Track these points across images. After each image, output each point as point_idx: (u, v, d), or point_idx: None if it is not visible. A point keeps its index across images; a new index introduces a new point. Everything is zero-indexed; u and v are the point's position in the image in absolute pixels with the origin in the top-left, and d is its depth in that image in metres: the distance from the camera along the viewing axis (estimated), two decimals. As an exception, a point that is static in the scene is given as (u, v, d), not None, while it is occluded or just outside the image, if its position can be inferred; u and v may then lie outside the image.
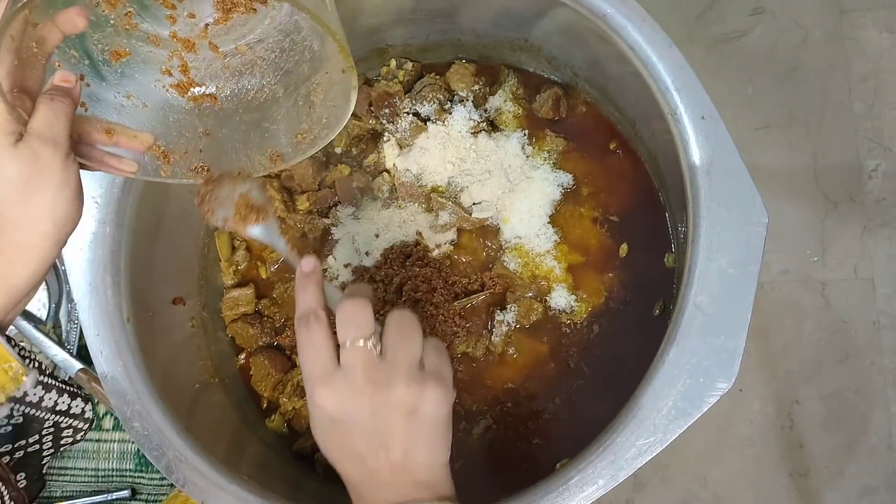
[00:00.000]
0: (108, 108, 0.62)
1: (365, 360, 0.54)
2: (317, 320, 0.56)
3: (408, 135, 0.94)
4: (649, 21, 0.69)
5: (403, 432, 0.54)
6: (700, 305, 0.64)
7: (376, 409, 0.54)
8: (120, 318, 0.75)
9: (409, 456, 0.54)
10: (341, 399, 0.54)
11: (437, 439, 0.56)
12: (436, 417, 0.55)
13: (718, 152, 0.66)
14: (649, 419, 0.63)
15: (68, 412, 0.96)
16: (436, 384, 0.55)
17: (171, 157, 0.64)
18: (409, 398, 0.54)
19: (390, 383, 0.54)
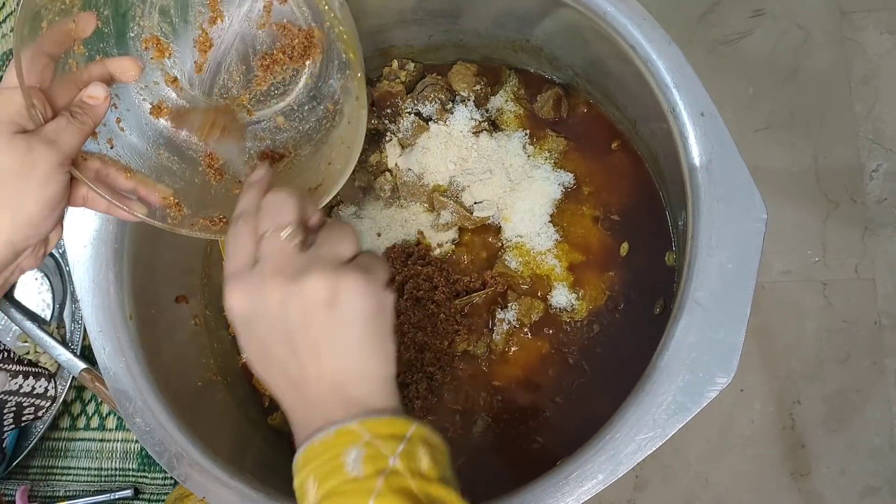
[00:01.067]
0: (134, 154, 0.62)
1: (280, 250, 0.49)
2: (244, 220, 0.52)
3: (410, 134, 0.94)
4: (649, 19, 0.70)
5: (322, 329, 0.48)
6: (699, 301, 0.64)
7: (286, 301, 0.47)
8: (122, 315, 0.76)
9: (335, 362, 0.48)
10: (249, 294, 0.49)
11: (367, 343, 0.49)
12: (360, 312, 0.48)
13: (718, 149, 0.66)
14: (649, 414, 0.63)
15: (31, 393, 0.96)
16: (357, 273, 0.48)
17: (183, 209, 0.62)
18: (324, 287, 0.47)
19: (303, 273, 0.48)
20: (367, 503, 0.44)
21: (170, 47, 0.61)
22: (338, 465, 0.45)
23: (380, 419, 0.47)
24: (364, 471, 0.44)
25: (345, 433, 0.46)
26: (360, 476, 0.44)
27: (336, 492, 0.45)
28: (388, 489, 0.44)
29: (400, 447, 0.46)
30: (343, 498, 0.44)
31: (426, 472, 0.46)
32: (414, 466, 0.46)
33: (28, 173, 0.52)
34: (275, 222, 0.50)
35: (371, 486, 0.44)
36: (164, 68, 0.61)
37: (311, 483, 0.46)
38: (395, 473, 0.45)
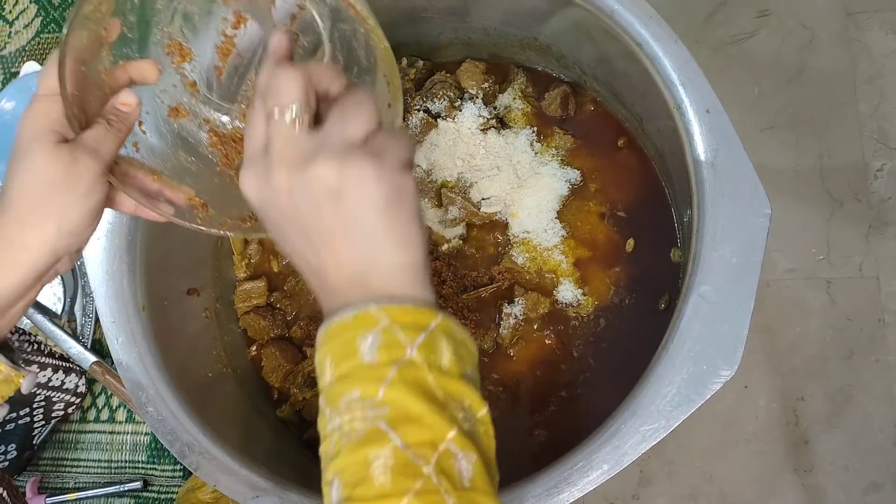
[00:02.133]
0: (156, 157, 0.63)
1: (283, 134, 0.45)
2: (259, 99, 0.48)
3: (418, 131, 0.95)
4: (655, 18, 0.70)
5: (333, 220, 0.44)
6: (704, 295, 0.65)
7: (293, 191, 0.45)
8: (135, 306, 0.77)
9: (352, 252, 0.45)
10: (259, 181, 0.46)
11: (383, 231, 0.45)
12: (370, 201, 0.44)
13: (723, 145, 0.67)
14: (653, 405, 0.63)
15: (61, 388, 0.97)
16: (365, 158, 0.44)
17: (209, 209, 0.62)
18: (329, 175, 0.44)
19: (308, 160, 0.44)
20: (377, 391, 0.42)
21: (191, 52, 0.61)
22: (353, 349, 0.43)
23: (401, 306, 0.44)
24: (378, 358, 0.43)
25: (363, 317, 0.44)
26: (373, 362, 0.43)
27: (349, 375, 0.43)
28: (400, 379, 0.42)
29: (420, 337, 0.43)
30: (354, 382, 0.43)
31: (447, 366, 0.44)
32: (433, 359, 0.44)
33: (74, 185, 0.53)
34: (279, 101, 0.46)
35: (383, 374, 0.43)
36: (183, 72, 0.62)
37: (328, 362, 0.45)
38: (410, 364, 0.43)
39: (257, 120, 0.47)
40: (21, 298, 0.57)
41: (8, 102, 1.05)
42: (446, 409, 0.43)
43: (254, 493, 0.71)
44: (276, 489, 0.71)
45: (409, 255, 0.46)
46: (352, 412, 0.43)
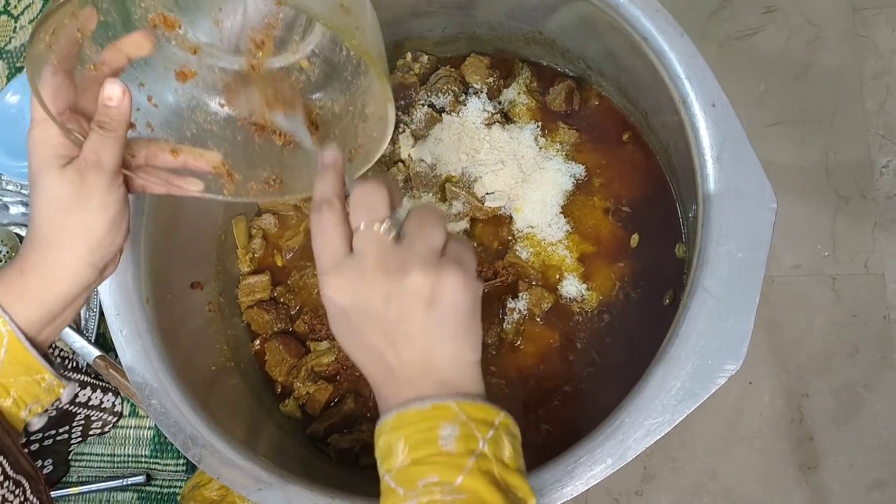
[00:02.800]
0: (174, 129, 0.62)
1: (377, 245, 0.49)
2: (329, 207, 0.51)
3: (423, 126, 0.95)
4: (661, 11, 0.70)
5: (422, 324, 0.49)
6: (709, 289, 0.64)
7: (390, 297, 0.49)
8: (139, 299, 0.77)
9: (430, 352, 0.49)
10: (351, 288, 0.49)
11: (461, 333, 0.50)
12: (457, 307, 0.49)
13: (728, 139, 0.66)
14: (658, 399, 0.63)
15: (100, 406, 0.98)
16: (455, 269, 0.49)
17: (235, 176, 0.62)
18: (425, 285, 0.48)
19: (405, 269, 0.48)
20: (456, 478, 0.46)
21: (177, 19, 0.59)
22: (432, 437, 0.47)
23: (474, 403, 0.49)
24: (457, 448, 0.47)
25: (441, 409, 0.48)
26: (452, 452, 0.47)
27: (427, 461, 0.47)
28: (477, 469, 0.47)
29: (490, 433, 0.48)
30: (434, 468, 0.47)
31: (507, 460, 0.49)
32: (499, 453, 0.48)
33: (86, 203, 0.56)
34: (370, 215, 0.50)
35: (462, 464, 0.46)
36: (178, 39, 0.61)
37: (401, 445, 0.48)
38: (483, 457, 0.47)
39: (331, 229, 0.51)
40: (68, 306, 0.60)
41: (13, 96, 1.05)
42: (508, 499, 0.47)
43: (257, 485, 0.71)
44: (279, 482, 0.71)
45: (474, 353, 0.51)
46: (430, 495, 0.46)
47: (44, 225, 0.57)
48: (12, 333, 0.58)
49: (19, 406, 0.60)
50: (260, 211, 1.00)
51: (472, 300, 0.50)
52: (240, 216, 0.98)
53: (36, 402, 0.62)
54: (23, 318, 0.58)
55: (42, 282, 0.58)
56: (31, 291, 0.58)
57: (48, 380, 0.61)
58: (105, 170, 0.55)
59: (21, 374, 0.59)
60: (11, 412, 0.60)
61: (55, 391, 0.62)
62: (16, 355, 0.58)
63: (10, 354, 0.58)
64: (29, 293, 0.58)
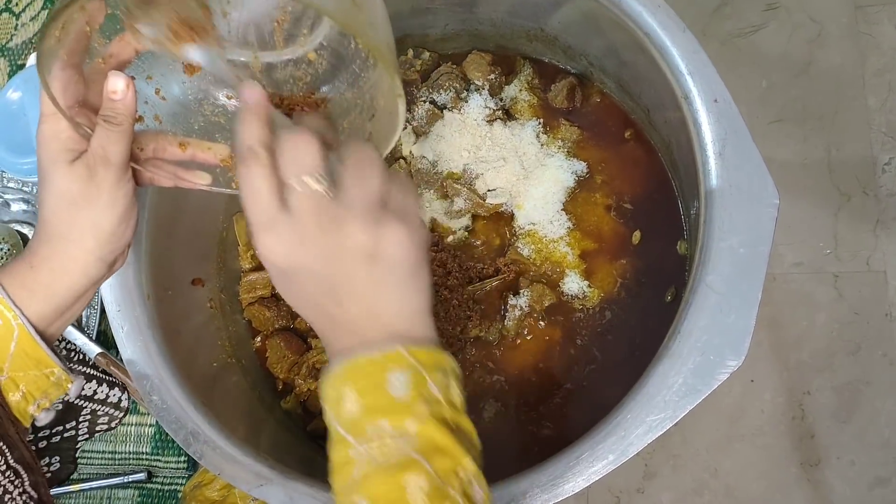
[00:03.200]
0: (182, 122, 0.62)
1: (311, 201, 0.47)
2: (256, 158, 0.48)
3: (424, 122, 0.95)
4: (664, 7, 0.70)
5: (365, 281, 0.48)
6: (711, 285, 0.64)
7: (329, 255, 0.47)
8: (140, 295, 0.76)
9: (376, 304, 0.48)
10: (288, 247, 0.47)
11: (406, 285, 0.49)
12: (401, 260, 0.48)
13: (730, 134, 0.66)
14: (659, 395, 0.63)
15: (106, 401, 0.98)
16: (398, 222, 0.48)
17: None
18: (366, 240, 0.47)
19: (343, 225, 0.47)
20: (405, 422, 0.46)
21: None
22: (381, 383, 0.46)
23: (426, 349, 0.48)
24: (407, 393, 0.46)
25: (392, 356, 0.47)
26: (402, 397, 0.46)
27: (379, 408, 0.46)
28: (428, 414, 0.46)
29: (440, 377, 0.48)
30: (383, 414, 0.46)
31: (457, 403, 0.49)
32: (448, 397, 0.48)
33: (95, 198, 0.56)
34: (301, 167, 0.47)
35: (416, 410, 0.46)
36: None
37: (350, 394, 0.47)
38: (436, 402, 0.47)
39: (260, 182, 0.47)
40: (77, 301, 0.60)
41: (14, 93, 1.05)
42: (461, 441, 0.47)
43: (258, 482, 0.71)
44: (280, 479, 0.71)
45: (422, 301, 0.50)
46: (381, 440, 0.46)
47: (53, 219, 0.57)
48: (23, 327, 0.58)
49: (28, 400, 0.60)
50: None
51: (417, 251, 0.49)
52: (241, 213, 0.98)
53: (44, 397, 0.62)
54: (33, 312, 0.58)
55: (51, 276, 0.58)
56: (40, 285, 0.58)
57: (57, 374, 0.61)
58: (113, 164, 0.55)
59: (31, 369, 0.59)
60: (20, 407, 0.60)
61: (63, 385, 0.62)
62: (26, 349, 0.58)
63: (21, 348, 0.58)
64: (39, 287, 0.58)
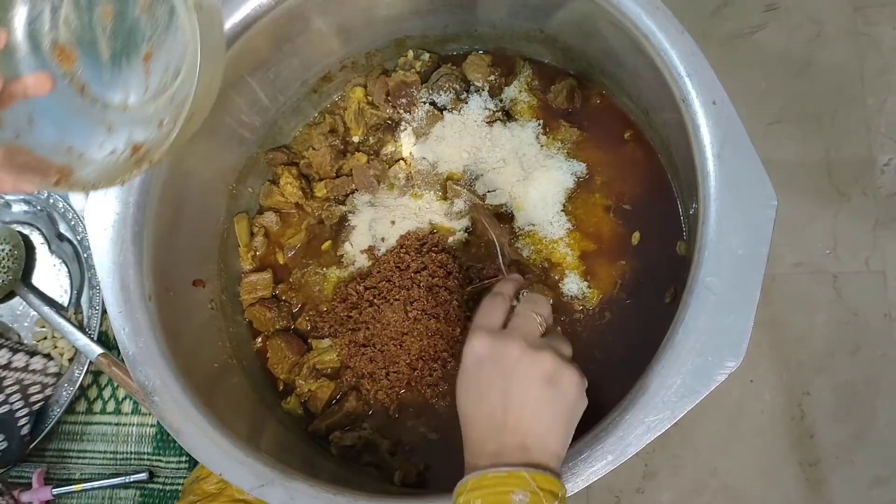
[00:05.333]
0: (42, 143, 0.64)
1: (530, 326, 0.62)
2: (504, 300, 0.67)
3: (424, 124, 0.95)
4: (662, 9, 0.70)
5: (536, 396, 0.58)
6: (710, 286, 0.65)
7: (521, 360, 0.59)
8: (142, 296, 0.77)
9: (532, 425, 0.58)
10: (494, 343, 0.60)
11: (560, 420, 0.59)
12: (568, 397, 0.59)
13: (729, 136, 0.66)
14: (658, 396, 0.63)
15: (27, 368, 0.98)
16: (576, 372, 0.61)
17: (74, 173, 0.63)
18: (552, 367, 0.59)
19: (542, 351, 0.60)
20: None
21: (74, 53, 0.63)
22: (505, 501, 0.54)
23: (546, 475, 0.56)
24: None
25: (516, 476, 0.55)
26: None
27: None
28: None
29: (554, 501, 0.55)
30: None
31: None
32: None
33: None
34: (536, 309, 0.64)
35: None
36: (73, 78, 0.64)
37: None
38: None
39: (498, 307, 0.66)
40: None
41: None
42: None
43: (259, 482, 0.71)
44: (281, 479, 0.71)
45: (562, 448, 0.60)
46: None
47: None
48: None
49: None
50: (262, 209, 1.00)
51: (580, 401, 0.61)
52: (241, 214, 0.98)
53: None
54: None
55: None
56: None
57: None
58: None
59: None
60: None
61: None
62: None
63: None
64: None
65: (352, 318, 0.92)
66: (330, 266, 0.96)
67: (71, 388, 1.07)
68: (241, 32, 0.80)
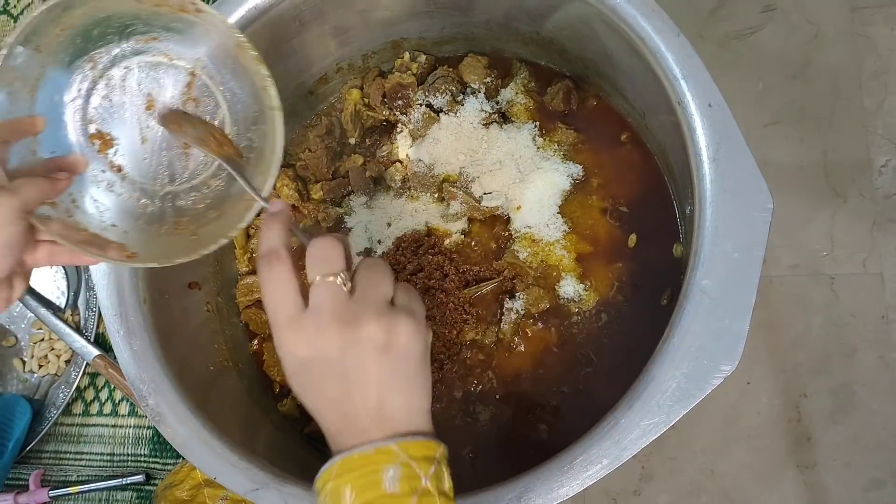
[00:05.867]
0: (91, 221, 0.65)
1: (333, 297, 0.51)
2: (279, 260, 0.53)
3: (420, 126, 0.95)
4: (658, 11, 0.70)
5: (377, 371, 0.51)
6: (705, 289, 0.65)
7: (346, 346, 0.51)
8: (137, 299, 0.77)
9: (385, 400, 0.52)
10: (309, 340, 0.51)
11: (413, 380, 0.53)
12: (410, 353, 0.52)
13: (724, 139, 0.66)
14: (654, 400, 0.63)
15: None
16: (407, 317, 0.53)
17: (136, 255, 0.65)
18: (380, 333, 0.51)
19: (360, 319, 0.51)
20: None
21: (113, 140, 0.65)
22: (376, 480, 0.49)
23: (415, 441, 0.51)
24: (400, 488, 0.49)
25: (383, 452, 0.50)
26: (396, 493, 0.49)
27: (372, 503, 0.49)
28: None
29: (432, 468, 0.51)
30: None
31: (448, 490, 0.52)
32: (440, 486, 0.51)
33: None
34: (326, 269, 0.52)
35: (406, 503, 0.49)
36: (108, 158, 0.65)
37: (347, 490, 0.50)
38: (426, 493, 0.50)
39: (284, 284, 0.52)
40: None
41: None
42: None
43: (254, 485, 0.71)
44: (275, 482, 0.71)
45: (424, 400, 0.54)
46: None
47: None
48: None
49: None
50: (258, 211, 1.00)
51: (424, 347, 0.54)
52: (238, 216, 0.98)
53: None
54: None
55: None
56: None
57: None
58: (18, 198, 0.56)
59: None
60: None
61: None
62: None
63: None
64: None
65: (348, 321, 0.92)
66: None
67: (68, 390, 1.07)
68: (236, 34, 0.80)
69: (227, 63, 0.64)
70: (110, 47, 0.62)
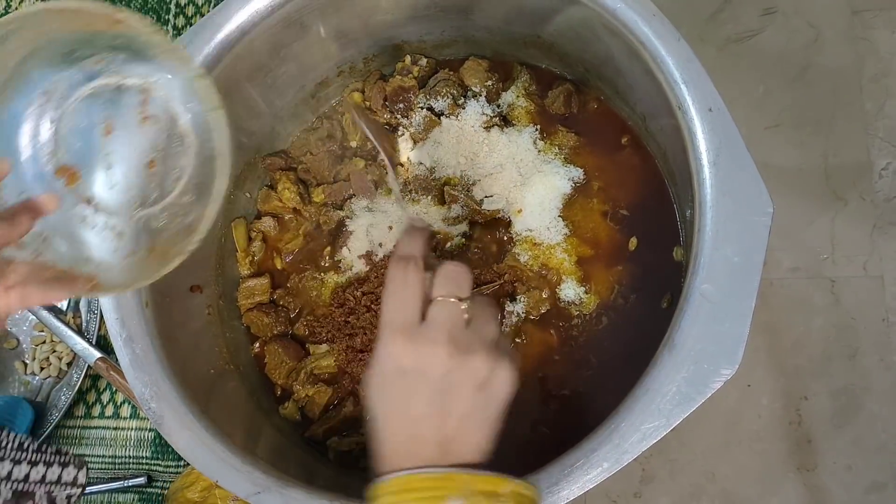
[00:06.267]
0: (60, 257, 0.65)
1: (453, 319, 0.53)
2: (415, 266, 0.55)
3: (421, 129, 0.95)
4: (658, 16, 0.70)
5: (467, 403, 0.52)
6: (705, 293, 0.65)
7: (451, 370, 0.52)
8: (139, 302, 0.77)
9: (461, 433, 0.52)
10: (418, 352, 0.52)
11: (492, 423, 0.54)
12: (500, 397, 0.54)
13: (725, 144, 0.67)
14: (654, 404, 0.63)
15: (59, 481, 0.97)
16: (510, 364, 0.54)
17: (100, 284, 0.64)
18: (484, 369, 0.52)
19: (472, 349, 0.52)
20: None
21: (78, 172, 0.64)
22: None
23: (481, 475, 0.51)
24: None
25: (452, 478, 0.50)
26: None
27: None
28: None
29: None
30: None
31: None
32: None
33: None
34: (454, 291, 0.54)
35: None
36: (77, 192, 0.64)
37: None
38: None
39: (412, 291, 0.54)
40: None
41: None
42: None
43: (256, 489, 0.71)
44: (277, 486, 0.71)
45: (493, 445, 0.54)
46: None
47: None
48: None
49: None
50: (259, 214, 1.00)
51: (511, 396, 0.54)
52: (239, 219, 0.99)
53: None
54: None
55: None
56: None
57: None
58: None
59: None
60: None
61: None
62: None
63: None
64: None
65: (349, 324, 0.92)
66: (328, 271, 0.97)
67: (69, 393, 1.07)
68: (238, 38, 0.80)
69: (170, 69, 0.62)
70: (61, 77, 0.61)
